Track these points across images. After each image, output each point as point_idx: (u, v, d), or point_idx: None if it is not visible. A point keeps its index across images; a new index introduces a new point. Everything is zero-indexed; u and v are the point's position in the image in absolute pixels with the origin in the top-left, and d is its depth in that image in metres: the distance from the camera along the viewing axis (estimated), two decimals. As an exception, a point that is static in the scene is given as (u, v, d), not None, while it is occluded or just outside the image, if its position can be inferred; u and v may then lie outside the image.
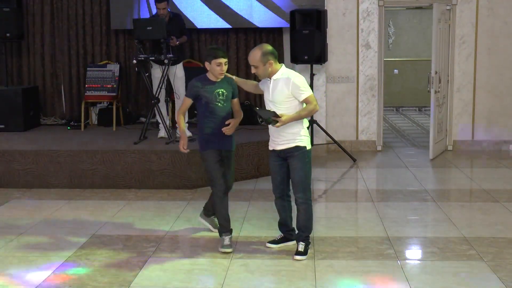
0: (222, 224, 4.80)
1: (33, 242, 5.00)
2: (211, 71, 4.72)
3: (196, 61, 8.88)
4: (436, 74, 7.98)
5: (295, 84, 4.45)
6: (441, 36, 8.17)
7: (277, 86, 4.50)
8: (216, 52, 4.67)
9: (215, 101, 4.71)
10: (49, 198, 6.41)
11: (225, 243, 4.73)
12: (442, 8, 8.14)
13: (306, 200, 4.59)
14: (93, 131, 8.30)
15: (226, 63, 4.71)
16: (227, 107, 4.77)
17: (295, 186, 4.59)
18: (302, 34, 7.71)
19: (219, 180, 4.76)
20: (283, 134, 4.52)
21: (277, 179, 4.68)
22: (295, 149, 4.52)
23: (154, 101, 7.25)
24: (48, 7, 8.88)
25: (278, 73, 4.53)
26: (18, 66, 9.05)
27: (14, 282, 4.18)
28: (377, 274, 4.27)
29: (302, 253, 4.55)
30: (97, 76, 8.55)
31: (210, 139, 4.76)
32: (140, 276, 4.26)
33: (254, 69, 4.54)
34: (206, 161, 4.80)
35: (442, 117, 8.46)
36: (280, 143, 4.55)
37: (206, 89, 4.72)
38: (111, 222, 5.55)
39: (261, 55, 4.47)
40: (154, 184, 6.72)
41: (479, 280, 4.15)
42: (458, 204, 6.16)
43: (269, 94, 4.55)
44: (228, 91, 4.77)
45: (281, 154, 4.59)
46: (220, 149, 4.81)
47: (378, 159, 8.30)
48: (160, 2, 7.23)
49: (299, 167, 4.53)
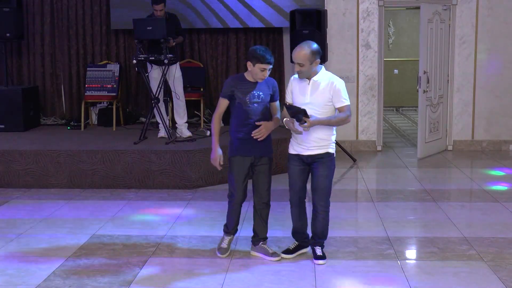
0: (227, 224, 4.67)
1: (33, 242, 4.99)
2: (252, 73, 4.39)
3: (196, 61, 8.88)
4: (425, 74, 8.03)
5: (338, 89, 4.27)
6: (439, 36, 8.22)
7: (318, 88, 4.29)
8: (263, 57, 4.30)
9: (249, 103, 4.39)
10: (49, 198, 6.41)
11: (221, 246, 4.63)
12: (435, 8, 8.19)
13: (326, 208, 4.46)
14: (93, 131, 8.30)
15: (270, 69, 4.40)
16: (262, 110, 4.44)
17: (319, 194, 4.41)
18: (302, 34, 7.69)
19: (238, 192, 4.50)
20: (313, 139, 4.32)
21: (297, 185, 4.46)
22: (326, 155, 4.36)
23: (154, 101, 7.25)
24: (48, 7, 8.88)
25: (319, 74, 4.31)
26: (18, 66, 9.05)
27: (14, 282, 4.18)
28: (377, 274, 4.27)
29: (322, 257, 4.46)
30: (97, 76, 8.55)
31: (241, 143, 4.45)
32: (140, 276, 4.25)
33: (298, 67, 4.25)
34: (231, 167, 4.50)
35: (438, 116, 8.48)
36: (310, 148, 4.34)
37: (241, 89, 4.41)
38: (111, 222, 5.55)
39: (310, 53, 4.23)
40: (154, 184, 6.72)
41: (479, 280, 4.15)
42: (458, 204, 6.16)
43: (306, 96, 4.31)
44: (265, 93, 4.45)
45: (307, 160, 4.39)
46: (252, 156, 4.48)
47: (378, 159, 8.30)
48: (157, 4, 7.22)
49: (326, 174, 4.37)
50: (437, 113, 8.46)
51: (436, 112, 8.42)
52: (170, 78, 7.39)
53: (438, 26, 8.23)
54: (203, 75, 8.77)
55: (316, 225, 4.51)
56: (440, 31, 8.28)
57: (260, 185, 4.54)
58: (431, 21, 8.06)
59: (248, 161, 4.49)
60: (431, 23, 8.07)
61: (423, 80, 8.00)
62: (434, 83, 8.30)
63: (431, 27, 8.08)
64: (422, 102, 8.09)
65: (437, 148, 8.57)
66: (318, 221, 4.49)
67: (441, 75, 8.42)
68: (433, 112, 8.37)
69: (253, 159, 4.49)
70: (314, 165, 4.39)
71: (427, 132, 8.27)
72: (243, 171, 4.49)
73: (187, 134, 7.50)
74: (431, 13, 8.07)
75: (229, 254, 4.63)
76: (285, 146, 7.27)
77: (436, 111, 8.42)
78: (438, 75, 8.36)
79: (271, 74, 9.55)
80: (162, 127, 7.48)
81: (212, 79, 8.95)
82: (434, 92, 8.33)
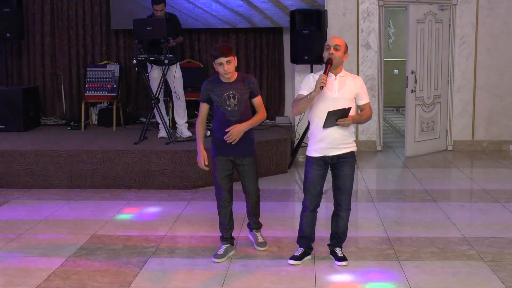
0: (220, 225, 4.68)
1: (33, 242, 5.00)
2: (218, 72, 4.45)
3: (196, 61, 8.88)
4: (412, 74, 8.14)
5: (363, 85, 4.35)
6: (434, 36, 8.33)
7: (345, 82, 4.29)
8: (214, 52, 4.36)
9: (225, 104, 4.42)
10: (49, 198, 6.41)
11: (218, 252, 4.59)
12: (429, 9, 8.26)
13: (350, 207, 4.46)
14: (93, 131, 8.30)
15: (229, 61, 4.35)
16: (241, 110, 4.45)
17: (344, 193, 4.38)
18: (302, 34, 7.70)
19: (222, 191, 4.54)
20: (342, 137, 4.27)
21: (316, 191, 4.38)
22: (350, 154, 4.33)
23: (154, 101, 7.25)
24: (48, 7, 8.88)
25: (343, 71, 4.34)
26: (18, 66, 9.05)
27: (14, 282, 4.18)
28: (377, 274, 4.27)
29: (344, 259, 4.44)
30: (97, 76, 8.55)
31: (221, 144, 4.49)
32: (140, 276, 4.26)
33: (334, 50, 4.23)
34: (214, 167, 4.55)
35: (433, 116, 8.53)
36: (337, 147, 4.28)
37: (216, 92, 4.44)
38: (111, 222, 5.55)
39: (346, 44, 4.34)
40: (154, 184, 6.72)
41: (479, 280, 4.15)
42: (458, 204, 6.16)
43: (334, 91, 4.26)
44: (241, 92, 4.44)
45: (333, 160, 4.32)
46: (232, 156, 4.52)
47: (378, 159, 8.30)
48: (157, 4, 7.22)
49: (350, 173, 4.34)
50: (432, 113, 8.51)
51: (430, 111, 8.47)
52: (170, 78, 7.39)
53: (433, 27, 8.28)
54: (203, 75, 8.77)
55: (339, 225, 4.48)
56: (436, 31, 8.33)
57: (246, 186, 4.61)
58: (421, 22, 8.17)
59: (229, 161, 4.53)
60: (421, 24, 8.17)
61: (410, 80, 8.14)
62: (428, 83, 8.39)
63: (421, 28, 8.19)
64: (410, 101, 8.25)
65: (434, 147, 8.59)
66: (341, 220, 4.46)
67: (437, 75, 8.46)
68: (426, 112, 8.43)
69: (235, 159, 4.54)
70: (339, 165, 4.34)
71: (417, 131, 8.38)
72: (224, 171, 4.53)
73: (187, 134, 7.50)
74: (422, 14, 8.19)
75: (225, 260, 4.53)
76: (285, 146, 7.30)
77: (430, 110, 8.46)
78: (433, 75, 8.43)
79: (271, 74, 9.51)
80: (162, 127, 7.48)
81: (212, 79, 8.93)
82: (428, 92, 8.40)
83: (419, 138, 8.40)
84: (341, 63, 4.32)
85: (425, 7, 8.23)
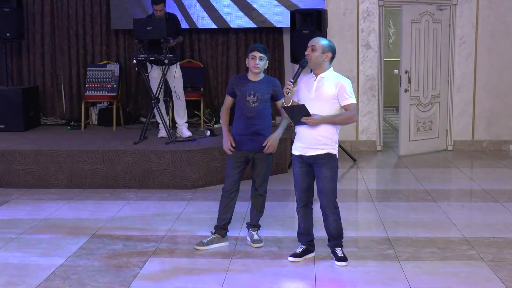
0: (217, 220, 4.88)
1: (33, 242, 4.99)
2: (248, 67, 4.68)
3: (196, 61, 8.88)
4: (406, 73, 8.20)
5: (343, 86, 4.27)
6: (432, 36, 8.35)
7: (323, 84, 4.30)
8: (253, 47, 4.67)
9: (245, 100, 4.65)
10: (49, 198, 6.41)
11: (203, 240, 4.81)
12: (425, 8, 8.28)
13: (335, 210, 4.42)
14: (93, 131, 8.30)
15: (262, 58, 4.61)
16: (261, 109, 4.67)
17: (324, 196, 4.37)
18: (302, 34, 7.69)
19: (228, 180, 4.77)
20: (315, 138, 4.28)
21: (303, 186, 4.44)
22: (326, 156, 4.29)
23: (154, 101, 7.25)
24: (48, 7, 8.88)
25: (327, 72, 4.35)
26: (18, 66, 9.05)
27: (14, 282, 4.18)
28: (377, 274, 4.27)
29: (344, 259, 4.43)
30: (97, 76, 8.55)
31: (237, 137, 4.72)
32: (140, 276, 4.25)
33: (310, 50, 4.34)
34: (227, 158, 4.79)
35: (431, 116, 8.56)
36: (312, 147, 4.29)
37: (240, 87, 4.69)
38: (111, 222, 5.55)
39: (326, 44, 4.36)
40: (154, 184, 6.72)
41: (479, 280, 4.15)
42: (458, 204, 6.16)
43: (311, 92, 4.31)
44: (263, 93, 4.66)
45: (309, 160, 4.35)
46: (246, 150, 4.72)
47: (378, 159, 8.31)
48: (157, 4, 7.22)
49: (329, 175, 4.33)
50: (430, 113, 8.53)
51: (427, 111, 8.50)
52: (170, 78, 7.39)
53: (430, 27, 8.31)
54: (203, 75, 8.77)
55: (329, 227, 4.48)
56: (434, 31, 8.34)
57: (255, 176, 4.80)
58: (416, 22, 8.22)
59: (243, 154, 4.73)
60: (417, 23, 8.23)
61: (403, 80, 8.21)
62: (425, 83, 8.43)
63: (416, 28, 8.24)
64: (404, 100, 8.32)
65: (432, 147, 8.61)
66: (330, 223, 4.47)
67: (435, 75, 8.48)
68: (422, 112, 8.47)
69: (250, 154, 4.74)
70: (315, 165, 4.36)
71: (411, 130, 8.43)
72: (236, 163, 4.73)
73: (187, 134, 7.50)
74: (418, 14, 8.23)
75: (204, 250, 4.70)
76: (285, 146, 7.30)
77: (427, 110, 8.48)
78: (431, 75, 8.46)
79: (271, 74, 9.54)
80: (162, 127, 7.48)
81: (212, 79, 8.95)
82: (424, 91, 8.42)
83: (414, 137, 8.45)
84: (320, 63, 4.34)
85: (421, 7, 8.24)
